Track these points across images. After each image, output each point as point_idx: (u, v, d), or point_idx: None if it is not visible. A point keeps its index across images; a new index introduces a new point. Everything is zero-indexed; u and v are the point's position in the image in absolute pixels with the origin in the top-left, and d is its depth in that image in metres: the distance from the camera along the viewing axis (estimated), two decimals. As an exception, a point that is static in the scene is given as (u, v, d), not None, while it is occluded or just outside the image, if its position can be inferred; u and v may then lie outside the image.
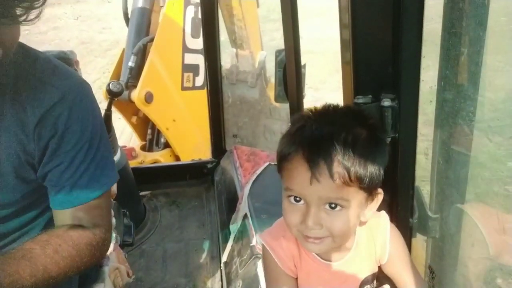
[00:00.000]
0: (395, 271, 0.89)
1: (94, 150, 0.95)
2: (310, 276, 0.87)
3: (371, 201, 0.79)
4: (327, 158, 0.69)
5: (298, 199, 0.75)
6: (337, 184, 0.70)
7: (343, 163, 0.69)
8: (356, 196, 0.73)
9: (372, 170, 0.72)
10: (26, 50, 0.91)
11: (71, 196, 0.93)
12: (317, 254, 0.85)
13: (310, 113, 0.79)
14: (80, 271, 0.93)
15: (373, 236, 0.88)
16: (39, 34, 8.16)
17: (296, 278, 0.89)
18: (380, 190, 0.79)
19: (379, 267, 0.92)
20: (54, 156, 0.91)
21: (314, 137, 0.72)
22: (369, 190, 0.75)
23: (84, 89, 0.97)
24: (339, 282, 0.87)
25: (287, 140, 0.77)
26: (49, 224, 1.00)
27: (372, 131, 0.76)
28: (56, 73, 0.93)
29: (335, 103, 0.81)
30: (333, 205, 0.73)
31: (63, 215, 0.94)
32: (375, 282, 0.92)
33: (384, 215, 0.90)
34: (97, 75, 5.83)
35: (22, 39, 0.83)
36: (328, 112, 0.79)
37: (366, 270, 0.88)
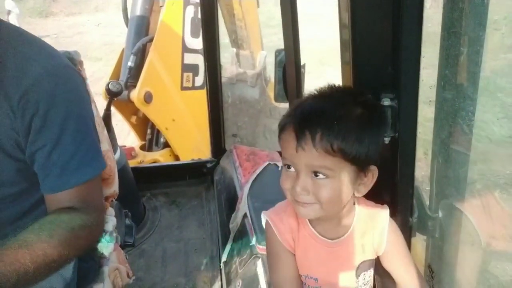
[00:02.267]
0: (392, 264, 0.91)
1: (83, 134, 0.95)
2: (307, 254, 0.90)
3: (364, 176, 0.82)
4: (312, 129, 0.75)
5: (289, 166, 0.81)
6: (320, 153, 0.75)
7: (326, 135, 0.75)
8: (343, 167, 0.77)
9: (359, 145, 0.76)
10: (14, 29, 0.92)
11: (61, 180, 0.93)
12: (315, 230, 0.89)
13: (315, 92, 0.85)
14: (79, 253, 0.93)
15: (372, 223, 0.90)
16: (66, 38, 10.01)
17: (295, 256, 0.92)
18: (373, 167, 0.82)
19: (379, 261, 0.92)
20: (39, 135, 0.91)
21: (305, 111, 0.79)
22: (359, 164, 0.79)
23: (70, 72, 0.97)
24: (336, 262, 0.89)
25: (287, 112, 0.84)
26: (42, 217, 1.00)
27: (367, 109, 0.80)
28: (42, 53, 0.93)
29: (336, 84, 0.86)
30: (317, 174, 0.78)
31: (54, 200, 0.94)
32: (372, 270, 0.93)
33: (385, 208, 0.92)
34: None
35: (52, 42, 0.86)
36: (327, 90, 0.85)
37: (363, 254, 0.90)
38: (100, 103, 2.65)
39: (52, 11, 13.26)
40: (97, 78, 5.15)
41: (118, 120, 3.06)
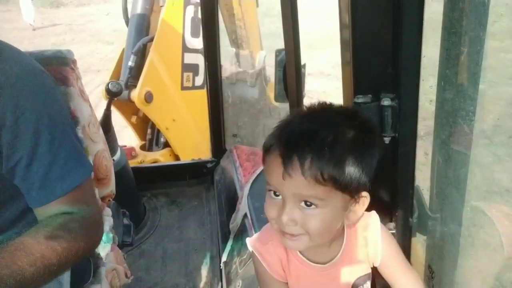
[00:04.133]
0: (390, 272, 0.88)
1: (58, 141, 0.91)
2: (300, 280, 0.86)
3: (355, 204, 0.76)
4: (300, 155, 0.68)
5: (276, 193, 0.74)
6: (309, 182, 0.69)
7: (316, 161, 0.68)
8: (333, 196, 0.71)
9: (352, 172, 0.70)
10: None
11: (46, 191, 0.89)
12: (305, 257, 0.84)
13: (304, 109, 0.79)
14: (79, 255, 0.89)
15: (363, 237, 0.86)
16: (79, 25, 10.81)
17: (287, 283, 0.88)
18: (365, 194, 0.76)
19: (376, 270, 0.91)
20: (13, 150, 0.86)
21: (293, 133, 0.72)
22: (350, 192, 0.72)
23: (37, 77, 0.91)
24: (331, 283, 0.86)
25: (271, 133, 0.77)
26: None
27: (362, 132, 0.73)
28: (2, 59, 0.87)
29: (332, 102, 0.80)
30: (308, 203, 0.71)
31: (44, 212, 0.91)
32: (369, 283, 0.90)
33: (374, 215, 0.88)
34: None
35: (66, 29, 0.82)
36: (318, 109, 0.78)
37: (358, 271, 0.87)
38: (100, 103, 2.66)
39: (63, 1, 13.89)
40: (111, 58, 5.68)
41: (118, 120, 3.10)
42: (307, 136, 0.70)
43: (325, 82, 5.82)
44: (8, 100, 0.84)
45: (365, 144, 0.73)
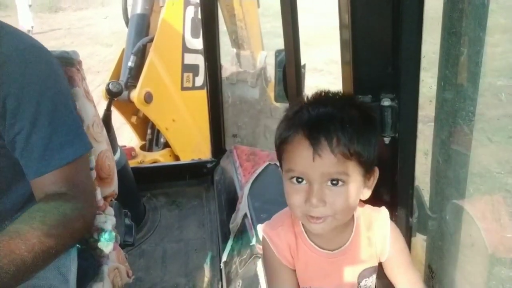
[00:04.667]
0: (394, 272, 0.89)
1: (61, 114, 0.93)
2: (308, 267, 0.88)
3: (368, 179, 0.81)
4: (327, 134, 0.73)
5: (300, 179, 0.77)
6: (338, 159, 0.73)
7: (342, 138, 0.73)
8: (356, 171, 0.76)
9: (368, 146, 0.76)
10: None
11: (43, 162, 0.90)
12: (314, 243, 0.87)
13: (305, 99, 0.83)
14: (75, 237, 0.91)
15: (372, 229, 0.88)
16: (78, 29, 11.19)
17: (295, 271, 0.89)
18: (376, 168, 0.82)
19: (381, 266, 0.92)
20: (16, 119, 0.88)
21: (312, 117, 0.76)
22: (367, 166, 0.78)
23: (42, 51, 0.95)
24: (337, 273, 0.88)
25: (286, 123, 0.80)
26: None
27: (363, 111, 0.79)
28: (9, 34, 0.90)
29: (326, 90, 0.85)
30: (334, 181, 0.75)
31: (39, 184, 0.92)
32: (374, 276, 0.91)
33: (384, 211, 0.90)
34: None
35: (66, 33, 0.85)
36: (321, 96, 0.83)
37: (364, 262, 0.88)
38: (101, 102, 2.66)
39: (61, 6, 14.23)
40: (110, 59, 5.88)
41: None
42: (327, 118, 0.75)
43: (318, 77, 6.12)
44: (15, 68, 0.87)
45: (371, 121, 0.80)
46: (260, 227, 0.91)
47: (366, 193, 0.82)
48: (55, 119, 0.92)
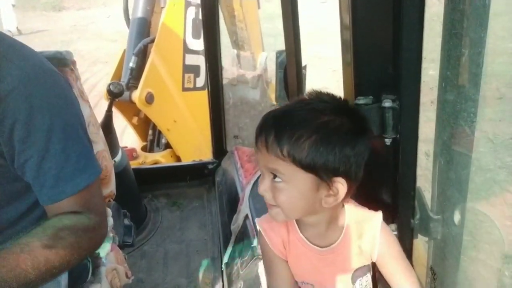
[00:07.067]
0: (388, 270, 0.89)
1: (72, 141, 0.93)
2: (299, 261, 0.89)
3: (329, 188, 0.78)
4: (267, 132, 0.77)
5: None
6: (272, 157, 0.76)
7: (278, 138, 0.75)
8: (296, 174, 0.76)
9: (315, 153, 0.74)
10: None
11: (56, 190, 0.91)
12: (305, 237, 0.88)
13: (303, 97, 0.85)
14: (81, 258, 0.91)
15: (363, 229, 0.88)
16: (83, 26, 11.74)
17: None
18: (339, 180, 0.77)
19: (376, 267, 0.92)
20: (25, 146, 0.87)
21: (269, 115, 0.80)
22: (316, 173, 0.75)
23: (53, 76, 0.94)
24: (329, 269, 0.89)
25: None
26: (42, 219, 0.97)
27: (341, 120, 0.76)
28: (21, 56, 0.89)
29: (329, 92, 0.84)
30: (276, 177, 0.78)
31: (54, 210, 0.92)
32: (369, 275, 0.92)
33: (378, 214, 0.89)
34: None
35: (71, 30, 0.84)
36: (310, 95, 0.83)
37: (356, 261, 0.89)
38: (102, 104, 2.66)
39: (64, 5, 14.71)
40: (116, 52, 6.09)
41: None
42: (277, 118, 0.78)
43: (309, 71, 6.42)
44: (22, 96, 0.86)
45: (340, 130, 0.76)
46: (257, 221, 0.94)
47: (330, 201, 0.79)
48: (67, 147, 0.91)
